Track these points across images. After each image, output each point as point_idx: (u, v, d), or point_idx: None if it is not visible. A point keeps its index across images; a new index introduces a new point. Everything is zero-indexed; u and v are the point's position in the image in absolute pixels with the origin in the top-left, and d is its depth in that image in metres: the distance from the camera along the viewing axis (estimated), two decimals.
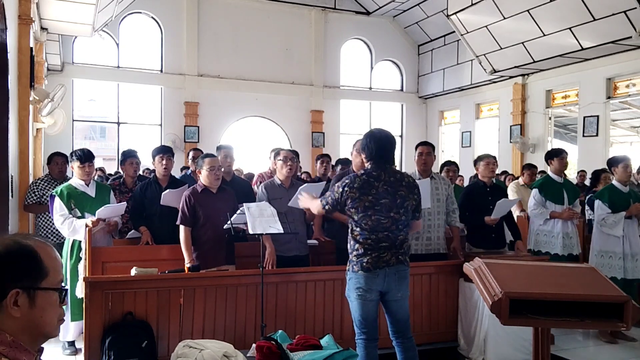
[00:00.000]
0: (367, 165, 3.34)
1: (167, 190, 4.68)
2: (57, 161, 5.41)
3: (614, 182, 5.21)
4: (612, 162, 5.27)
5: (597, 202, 5.14)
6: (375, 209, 3.20)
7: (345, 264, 4.32)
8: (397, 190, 3.26)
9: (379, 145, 3.30)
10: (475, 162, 5.29)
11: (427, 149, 4.78)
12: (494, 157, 5.23)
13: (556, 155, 5.42)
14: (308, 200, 3.56)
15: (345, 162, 6.64)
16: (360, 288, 3.22)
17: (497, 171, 8.15)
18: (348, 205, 3.26)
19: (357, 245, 3.25)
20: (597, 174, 6.66)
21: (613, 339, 4.92)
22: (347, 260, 4.37)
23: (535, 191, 5.40)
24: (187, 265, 4.14)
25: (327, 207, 3.37)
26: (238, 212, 4.01)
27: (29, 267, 1.25)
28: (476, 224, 4.99)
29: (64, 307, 1.34)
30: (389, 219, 3.22)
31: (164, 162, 4.91)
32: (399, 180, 3.29)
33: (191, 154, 6.38)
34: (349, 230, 3.33)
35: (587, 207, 6.48)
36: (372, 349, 3.29)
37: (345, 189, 3.24)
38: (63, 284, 1.32)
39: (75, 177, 4.62)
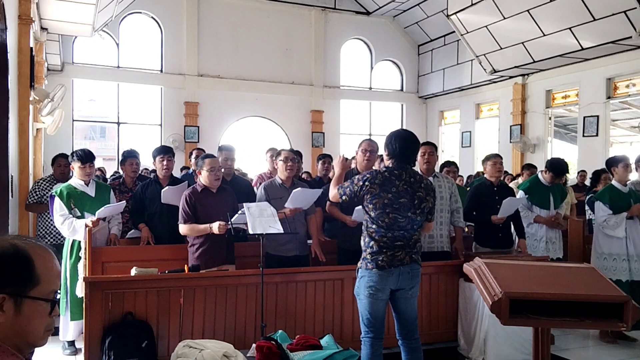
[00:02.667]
0: (389, 163, 3.35)
1: (167, 188, 4.68)
2: (60, 163, 5.43)
3: (614, 182, 5.15)
4: (612, 162, 5.21)
5: (597, 204, 5.09)
6: (394, 207, 3.21)
7: (346, 264, 4.35)
8: (416, 191, 3.28)
9: (403, 144, 3.31)
10: (483, 161, 5.29)
11: (429, 149, 4.81)
12: (501, 157, 5.23)
13: (554, 172, 5.32)
14: (331, 185, 3.54)
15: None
16: (373, 286, 3.22)
17: None
18: (366, 200, 3.26)
19: (372, 243, 3.25)
20: (597, 174, 6.64)
21: (613, 339, 4.91)
22: (348, 259, 4.39)
23: (521, 193, 5.38)
24: (213, 228, 4.04)
25: (344, 197, 3.36)
26: (239, 212, 4.00)
27: (20, 273, 1.20)
28: (483, 224, 4.98)
29: (62, 309, 1.32)
30: (406, 218, 3.23)
31: (164, 162, 4.91)
32: (418, 182, 3.31)
33: (194, 153, 6.40)
34: (364, 227, 3.33)
35: (587, 207, 6.47)
36: (378, 347, 3.29)
37: (366, 183, 3.24)
38: (57, 295, 1.29)
39: (75, 177, 4.62)
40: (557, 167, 5.36)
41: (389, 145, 3.34)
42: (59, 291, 1.29)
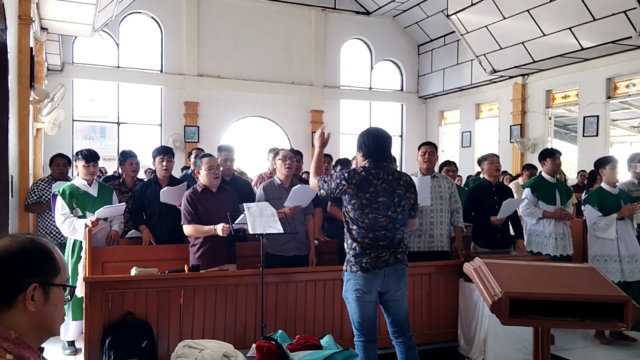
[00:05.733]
0: (365, 163, 3.30)
1: (166, 188, 4.68)
2: (58, 162, 5.43)
3: (603, 184, 5.12)
4: (599, 164, 5.17)
5: (587, 207, 5.09)
6: (373, 207, 3.16)
7: None
8: (395, 189, 3.23)
9: (376, 142, 3.27)
10: (480, 161, 5.29)
11: (430, 149, 4.82)
12: (498, 156, 5.23)
13: (549, 156, 5.38)
14: (311, 173, 3.51)
15: (345, 163, 6.64)
16: (359, 289, 3.18)
17: None
18: (345, 201, 3.22)
19: (354, 245, 3.21)
20: (593, 174, 6.66)
21: (609, 340, 4.90)
22: None
23: (527, 191, 5.37)
24: (217, 230, 4.03)
25: (322, 191, 3.33)
26: (241, 216, 4.00)
27: (44, 263, 1.31)
28: (482, 224, 4.98)
29: (65, 308, 1.38)
30: (387, 217, 3.18)
31: (164, 163, 4.92)
32: (396, 179, 3.26)
33: (194, 153, 6.40)
34: (345, 229, 3.29)
35: (583, 208, 6.47)
36: (372, 350, 3.26)
37: (342, 182, 3.19)
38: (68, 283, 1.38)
39: (78, 176, 4.63)
40: (547, 150, 5.49)
41: (362, 145, 3.29)
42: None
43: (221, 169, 4.52)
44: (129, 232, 5.15)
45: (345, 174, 3.22)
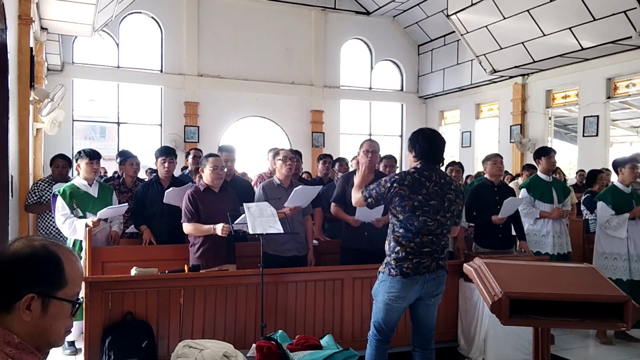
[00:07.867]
0: (416, 164, 3.21)
1: (171, 188, 4.68)
2: (58, 164, 5.42)
3: (617, 183, 5.14)
4: (619, 163, 5.18)
5: (600, 204, 5.09)
6: (424, 210, 3.07)
7: (349, 263, 4.35)
8: (446, 193, 3.15)
9: (431, 144, 3.18)
10: (483, 161, 5.31)
11: None
12: (501, 156, 5.23)
13: (544, 154, 5.41)
14: (353, 190, 3.40)
15: (343, 160, 6.68)
16: (393, 293, 3.11)
17: None
18: (395, 202, 3.12)
19: (397, 248, 3.12)
20: (593, 174, 6.66)
21: (609, 340, 4.90)
22: (351, 259, 4.38)
23: (523, 191, 5.39)
24: (217, 230, 4.05)
25: (369, 200, 3.19)
26: (241, 216, 4.00)
27: (50, 274, 1.25)
28: (483, 224, 4.98)
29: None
30: (436, 221, 3.10)
31: (165, 164, 4.93)
32: (448, 183, 3.18)
33: (192, 153, 6.40)
34: (390, 231, 3.20)
35: (582, 207, 6.46)
36: (384, 350, 3.25)
37: (395, 184, 3.09)
38: (79, 297, 1.32)
39: (78, 177, 4.63)
40: (541, 149, 5.54)
41: (416, 146, 3.19)
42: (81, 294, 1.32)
43: (225, 169, 4.53)
44: (128, 229, 5.15)
45: (396, 177, 3.14)
